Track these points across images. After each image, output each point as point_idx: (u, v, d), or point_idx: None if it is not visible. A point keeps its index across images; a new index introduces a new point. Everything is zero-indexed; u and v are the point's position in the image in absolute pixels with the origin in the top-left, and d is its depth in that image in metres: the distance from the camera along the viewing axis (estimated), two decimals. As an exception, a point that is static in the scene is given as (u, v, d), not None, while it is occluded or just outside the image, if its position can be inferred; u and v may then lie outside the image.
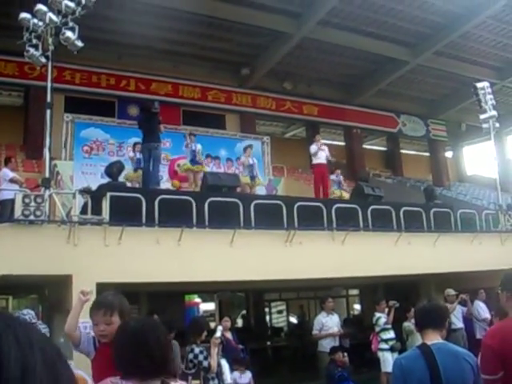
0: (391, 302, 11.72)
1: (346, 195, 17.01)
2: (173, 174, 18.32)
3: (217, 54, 26.20)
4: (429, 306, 3.92)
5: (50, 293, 12.10)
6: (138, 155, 14.67)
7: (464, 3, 23.17)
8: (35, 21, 11.33)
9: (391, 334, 11.61)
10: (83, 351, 3.97)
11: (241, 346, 10.20)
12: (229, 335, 9.76)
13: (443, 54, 27.15)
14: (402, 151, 35.90)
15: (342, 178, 18.10)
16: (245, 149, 16.80)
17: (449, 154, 38.15)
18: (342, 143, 32.81)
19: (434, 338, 3.63)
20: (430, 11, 23.90)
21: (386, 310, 11.80)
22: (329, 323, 11.80)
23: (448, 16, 24.28)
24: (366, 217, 12.72)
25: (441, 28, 25.02)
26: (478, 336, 11.85)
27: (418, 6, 23.43)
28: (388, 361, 11.24)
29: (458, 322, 12.42)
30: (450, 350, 3.58)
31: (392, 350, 11.38)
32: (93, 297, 4.18)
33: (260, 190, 18.18)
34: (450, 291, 12.57)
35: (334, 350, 11.00)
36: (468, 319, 12.87)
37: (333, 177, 17.66)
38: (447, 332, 3.93)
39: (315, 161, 16.40)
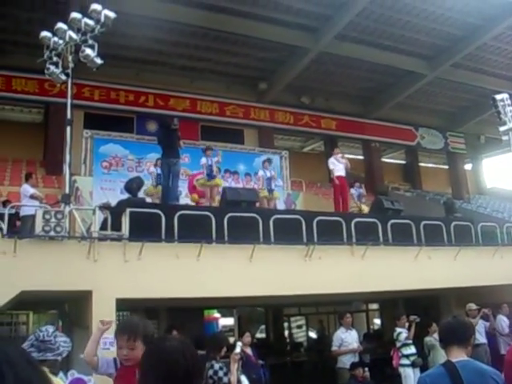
0: (412, 317, 11.59)
1: (366, 208, 16.91)
2: (192, 189, 18.34)
3: (234, 68, 26.33)
4: (454, 322, 3.85)
5: (70, 308, 12.14)
6: (159, 171, 14.73)
7: (481, 15, 23.09)
8: (55, 39, 11.47)
9: (412, 350, 11.47)
10: (103, 373, 4.07)
11: (261, 362, 10.13)
12: (249, 351, 9.68)
13: (461, 66, 27.06)
14: (421, 164, 35.74)
15: (361, 190, 18.02)
16: (263, 162, 16.79)
17: (468, 167, 37.87)
18: (361, 157, 32.73)
19: (459, 355, 3.54)
20: (447, 24, 23.86)
21: (407, 324, 11.68)
22: (348, 339, 11.68)
23: (465, 28, 24.21)
24: (386, 231, 12.62)
25: (458, 40, 24.95)
26: (503, 351, 11.69)
27: (434, 18, 23.40)
28: (409, 376, 11.12)
29: (480, 337, 12.24)
30: (475, 368, 3.49)
31: (413, 365, 11.25)
32: (114, 324, 4.27)
33: (279, 205, 18.14)
34: (472, 305, 12.40)
35: (354, 365, 10.90)
36: (491, 334, 12.70)
37: (352, 190, 17.58)
38: (471, 348, 3.87)
39: (335, 173, 16.28)
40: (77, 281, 9.04)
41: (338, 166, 16.17)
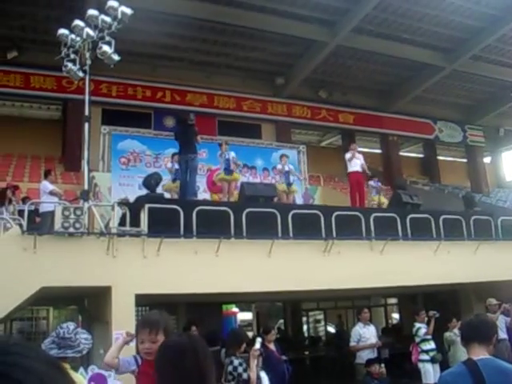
0: (431, 313, 11.51)
1: (386, 201, 16.82)
2: (211, 185, 18.35)
3: (251, 63, 26.30)
4: (476, 320, 3.81)
5: (89, 304, 12.21)
6: (177, 166, 14.74)
7: (500, 5, 22.85)
8: (73, 36, 11.52)
9: (432, 345, 11.39)
10: (124, 372, 4.14)
11: (284, 358, 10.09)
12: (272, 346, 9.64)
13: (480, 58, 26.80)
14: (439, 158, 35.50)
15: (380, 184, 17.92)
16: (280, 157, 16.75)
17: (487, 160, 37.52)
18: (379, 151, 32.59)
19: (481, 353, 3.49)
20: (466, 15, 23.64)
21: (426, 319, 11.61)
22: (366, 334, 11.62)
23: (484, 19, 23.97)
24: (405, 225, 12.54)
25: (477, 32, 24.70)
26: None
27: (452, 10, 23.19)
28: (429, 372, 11.06)
29: (501, 332, 12.07)
30: (497, 366, 3.42)
31: (433, 361, 11.17)
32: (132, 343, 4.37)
33: (297, 199, 18.11)
34: (492, 300, 12.23)
35: (369, 362, 10.83)
36: (511, 330, 12.57)
37: (371, 182, 17.49)
38: (492, 345, 3.82)
39: (350, 169, 16.21)
40: (96, 277, 9.09)
41: (354, 162, 16.08)
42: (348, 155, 16.20)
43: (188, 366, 2.33)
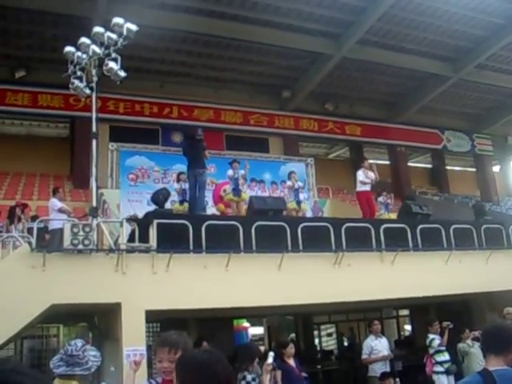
0: (445, 323, 11.40)
1: (394, 217, 16.68)
2: (217, 199, 18.31)
3: (257, 77, 26.39)
4: (492, 328, 3.70)
5: (99, 321, 12.17)
6: (184, 186, 14.71)
7: (505, 14, 22.84)
8: (79, 53, 11.56)
9: (446, 357, 11.26)
10: None
11: (304, 374, 9.97)
12: (292, 362, 9.48)
13: (486, 67, 26.79)
14: (448, 167, 35.40)
15: (389, 200, 17.78)
16: (289, 175, 16.68)
17: (496, 169, 37.36)
18: (387, 162, 32.50)
19: (497, 364, 3.38)
20: (470, 24, 23.65)
21: (439, 330, 11.50)
22: (378, 346, 11.55)
23: (489, 28, 23.97)
24: (415, 236, 12.46)
25: (482, 41, 24.70)
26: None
27: (457, 19, 23.22)
28: (444, 384, 10.95)
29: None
30: None
31: (447, 372, 11.05)
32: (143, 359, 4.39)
33: (306, 212, 18.04)
34: (510, 309, 11.88)
35: (384, 375, 10.74)
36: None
37: (380, 199, 17.33)
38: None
39: (360, 188, 15.78)
40: (106, 293, 9.06)
41: (366, 184, 15.61)
42: (361, 176, 15.69)
43: (211, 380, 2.30)
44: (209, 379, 2.29)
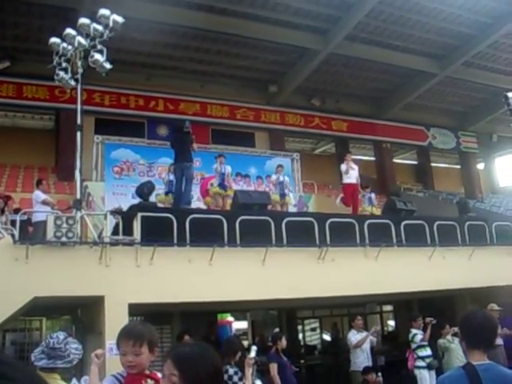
0: (428, 319, 11.48)
1: (378, 212, 16.77)
2: (205, 193, 18.25)
3: (244, 72, 26.32)
4: (481, 321, 3.50)
5: (82, 314, 12.12)
6: (172, 177, 14.66)
7: (492, 12, 22.97)
8: (64, 45, 11.49)
9: (428, 352, 11.35)
10: None
11: (295, 369, 10.02)
12: (285, 359, 9.58)
13: (472, 64, 26.91)
14: (433, 164, 35.54)
15: (373, 195, 17.84)
16: (277, 167, 16.69)
17: (480, 166, 37.59)
18: (372, 158, 32.60)
19: (481, 358, 3.37)
20: (457, 22, 23.74)
21: (422, 325, 11.58)
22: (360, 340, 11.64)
23: (475, 26, 24.09)
24: (399, 232, 12.53)
25: (468, 39, 24.82)
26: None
27: (444, 17, 23.30)
28: (425, 378, 11.04)
29: (497, 338, 12.04)
30: (497, 372, 3.30)
31: (429, 367, 11.14)
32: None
33: (291, 208, 18.05)
34: (494, 306, 11.83)
35: (366, 370, 10.80)
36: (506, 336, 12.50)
37: (364, 193, 17.41)
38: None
39: (345, 180, 16.15)
40: (89, 286, 9.03)
41: (349, 173, 16.01)
42: (343, 167, 16.13)
43: (201, 375, 2.26)
44: (213, 371, 2.27)
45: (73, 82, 11.72)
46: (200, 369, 2.25)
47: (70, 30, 11.34)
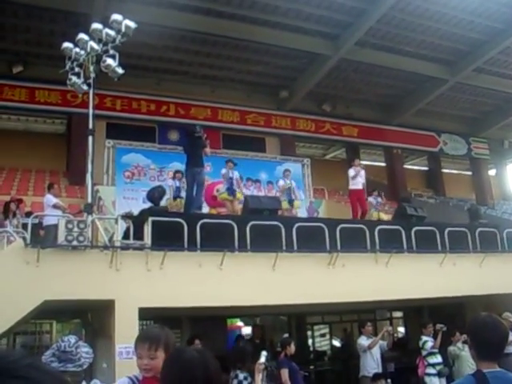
0: (439, 326, 11.43)
1: (385, 217, 16.73)
2: (210, 199, 18.22)
3: (255, 77, 26.33)
4: (493, 331, 3.33)
5: (93, 317, 12.16)
6: (178, 183, 14.69)
7: (503, 18, 22.86)
8: (77, 50, 11.56)
9: (438, 359, 11.29)
10: None
11: (305, 373, 10.01)
12: (295, 365, 9.58)
13: (483, 70, 26.79)
14: (444, 170, 35.40)
15: (380, 199, 17.80)
16: (284, 172, 16.68)
17: (492, 172, 37.41)
18: (383, 164, 32.51)
19: (491, 366, 3.34)
20: (469, 28, 23.67)
21: (432, 332, 11.52)
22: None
23: (487, 32, 23.99)
24: (410, 238, 12.49)
25: (480, 45, 24.72)
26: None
27: (455, 23, 23.23)
28: (435, 386, 10.97)
29: (509, 346, 11.94)
30: (508, 380, 3.30)
31: (439, 375, 11.08)
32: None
33: (301, 213, 18.03)
34: (509, 315, 11.55)
35: (376, 376, 10.76)
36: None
37: (370, 199, 17.38)
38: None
39: (352, 186, 16.13)
40: (99, 290, 9.05)
41: (356, 179, 15.97)
42: (352, 173, 16.11)
43: (198, 381, 2.27)
44: (188, 381, 2.27)
45: (85, 87, 11.79)
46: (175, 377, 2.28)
47: (82, 35, 11.42)
